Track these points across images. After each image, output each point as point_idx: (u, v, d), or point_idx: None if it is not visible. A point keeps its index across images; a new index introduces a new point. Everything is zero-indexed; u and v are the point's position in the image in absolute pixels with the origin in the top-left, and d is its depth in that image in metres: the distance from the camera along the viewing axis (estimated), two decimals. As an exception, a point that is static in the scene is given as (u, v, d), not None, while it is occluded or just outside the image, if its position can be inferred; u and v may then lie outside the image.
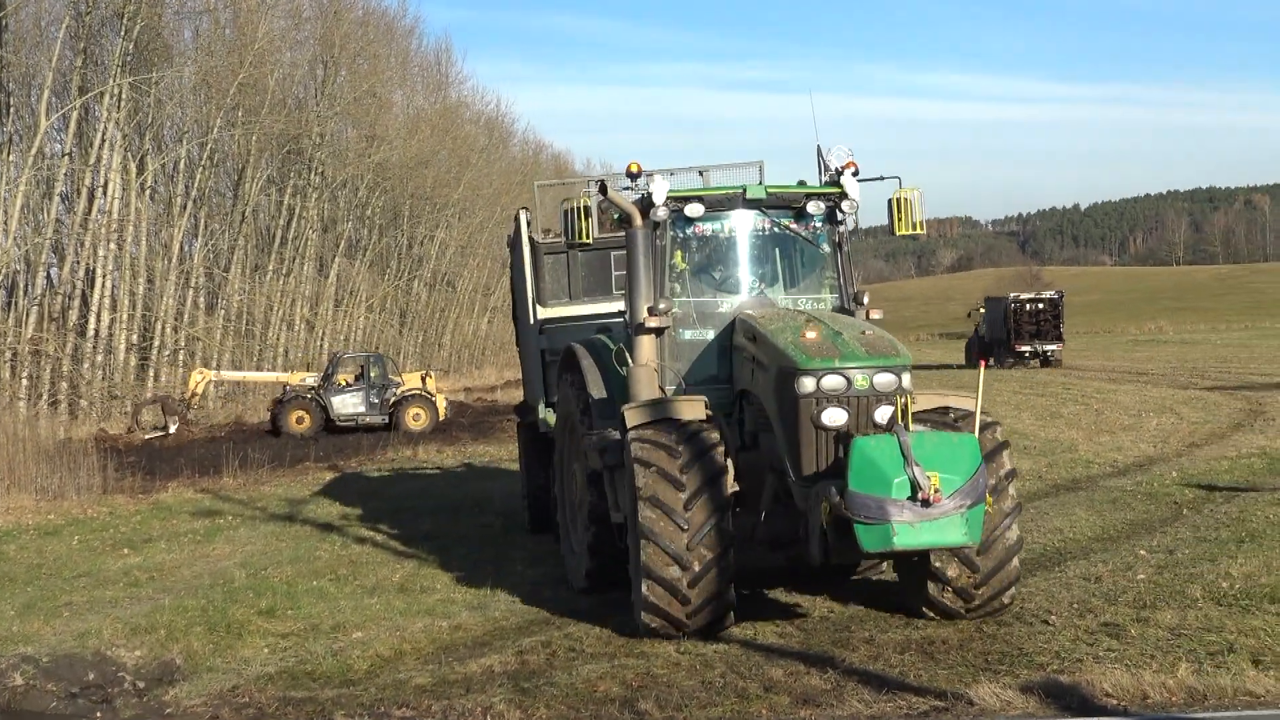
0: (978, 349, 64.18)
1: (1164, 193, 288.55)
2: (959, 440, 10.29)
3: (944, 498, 9.82)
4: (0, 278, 41.24)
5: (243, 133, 51.81)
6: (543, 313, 16.66)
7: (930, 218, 12.72)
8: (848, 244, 12.96)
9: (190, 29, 52.56)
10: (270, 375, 46.46)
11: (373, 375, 40.22)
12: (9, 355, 40.67)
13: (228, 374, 46.88)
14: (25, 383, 40.68)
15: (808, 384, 10.65)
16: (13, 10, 41.51)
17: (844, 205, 12.64)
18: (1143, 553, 13.81)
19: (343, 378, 40.33)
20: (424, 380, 41.11)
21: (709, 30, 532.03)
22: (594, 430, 12.56)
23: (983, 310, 68.16)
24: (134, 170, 45.91)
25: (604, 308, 15.94)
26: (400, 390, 40.00)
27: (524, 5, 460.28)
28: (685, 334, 12.59)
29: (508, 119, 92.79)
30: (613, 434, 11.92)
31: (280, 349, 57.53)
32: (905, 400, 10.57)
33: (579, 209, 12.55)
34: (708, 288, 12.77)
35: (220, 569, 16.03)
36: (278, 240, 57.68)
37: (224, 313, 52.57)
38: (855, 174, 12.63)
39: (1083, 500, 17.93)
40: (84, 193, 44.32)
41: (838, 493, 10.03)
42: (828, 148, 12.82)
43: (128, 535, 19.50)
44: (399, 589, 14.29)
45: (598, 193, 12.90)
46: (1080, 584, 12.46)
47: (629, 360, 12.55)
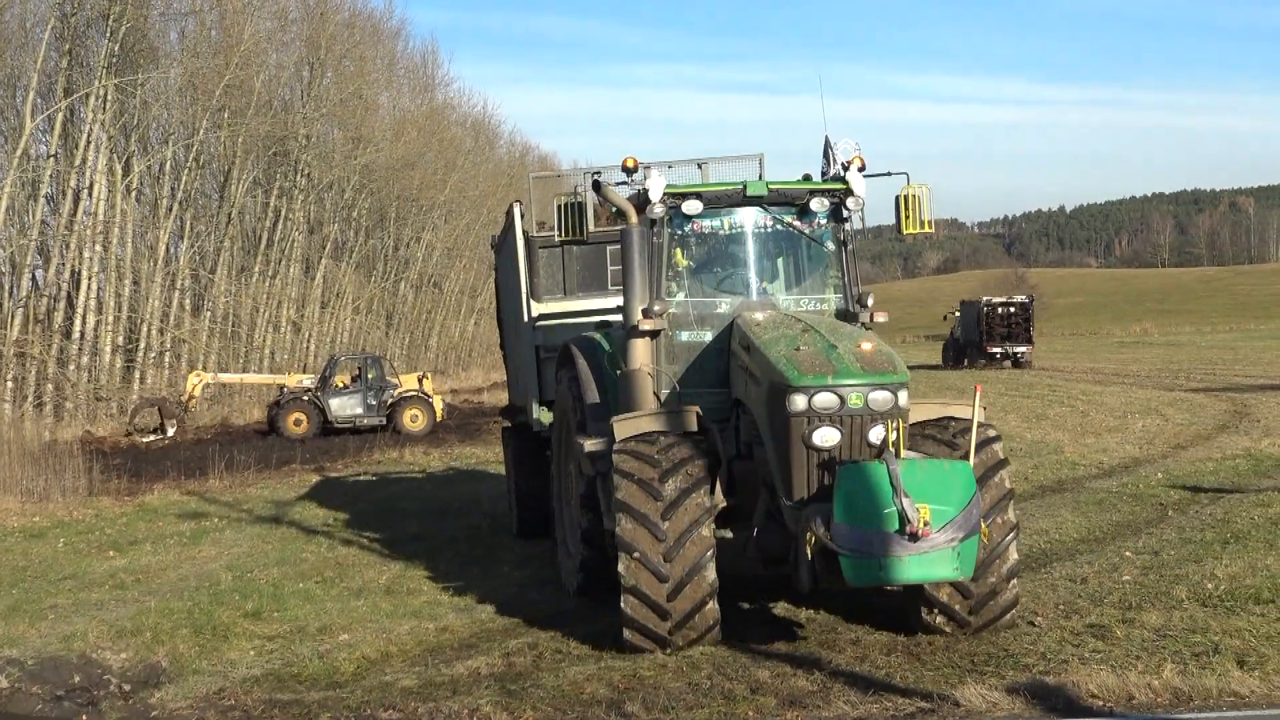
0: (953, 350, 67.19)
1: (1149, 195, 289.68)
2: (952, 469, 9.91)
3: (934, 531, 9.40)
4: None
5: (229, 134, 51.70)
6: (537, 308, 16.26)
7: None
8: (853, 242, 12.40)
9: (176, 30, 52.53)
10: (267, 377, 46.52)
11: (370, 377, 40.24)
12: (-6, 357, 40.57)
13: (225, 376, 46.93)
14: (10, 385, 40.58)
15: (799, 402, 10.23)
16: (-2, 12, 41.46)
17: (849, 202, 12.08)
18: (1128, 554, 13.85)
19: (340, 380, 40.36)
20: (421, 382, 41.18)
21: (694, 32, 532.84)
22: (588, 433, 12.09)
23: (957, 313, 69.84)
24: (119, 172, 45.79)
25: (600, 303, 15.40)
26: (398, 392, 40.03)
27: (510, 7, 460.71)
28: (683, 335, 12.09)
29: (494, 121, 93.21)
30: (603, 440, 11.47)
31: (266, 351, 57.44)
32: (898, 423, 10.17)
33: (570, 204, 12.17)
34: (707, 287, 12.26)
35: (206, 571, 16.00)
36: (264, 242, 57.56)
37: (210, 315, 52.44)
38: (861, 169, 12.07)
39: (1068, 502, 17.97)
40: (69, 194, 44.21)
41: (823, 523, 9.70)
42: (835, 140, 12.27)
43: (113, 537, 19.45)
44: (385, 591, 14.27)
45: (591, 188, 12.41)
46: (1066, 585, 12.49)
47: (622, 364, 12.17)
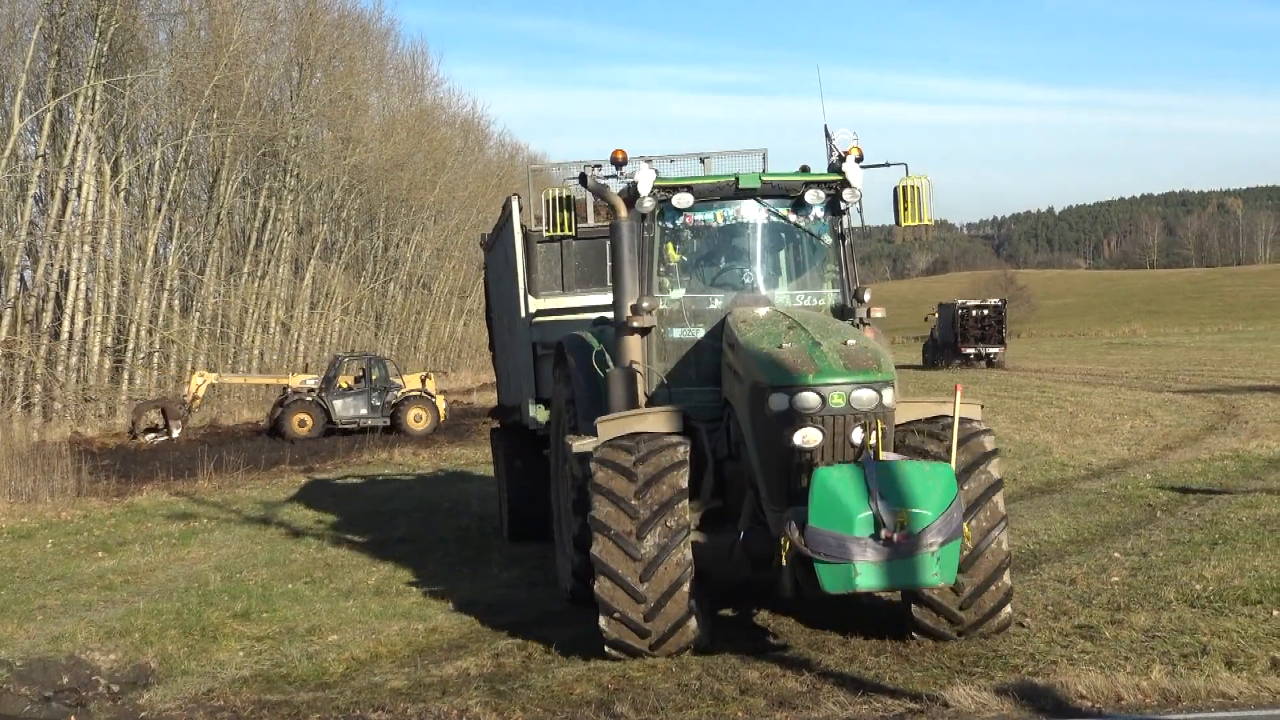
0: (932, 351, 70.55)
1: (1138, 196, 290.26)
2: (931, 470, 9.64)
3: (910, 536, 9.18)
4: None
5: (218, 135, 51.61)
6: (535, 304, 15.99)
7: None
8: (850, 236, 11.98)
9: (165, 31, 52.44)
10: (270, 378, 46.64)
11: (374, 378, 40.38)
12: (-18, 358, 40.50)
13: (228, 377, 47.13)
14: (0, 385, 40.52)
15: (779, 401, 9.96)
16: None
17: (846, 194, 11.66)
18: (1117, 555, 13.87)
19: (344, 380, 40.48)
20: (424, 382, 41.38)
21: (683, 34, 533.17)
22: (578, 434, 11.76)
23: (936, 315, 72.52)
24: (108, 172, 45.72)
25: (598, 299, 15.04)
26: (401, 392, 40.17)
27: (499, 8, 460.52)
28: (674, 333, 11.72)
29: (483, 121, 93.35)
30: (589, 442, 11.11)
31: (255, 351, 57.38)
32: (880, 423, 9.90)
33: (558, 199, 11.92)
34: (699, 283, 11.86)
35: (195, 572, 15.97)
36: (253, 242, 57.48)
37: (199, 315, 52.36)
38: (859, 160, 11.69)
39: (1057, 503, 17.98)
40: (58, 195, 44.08)
41: (798, 528, 9.44)
42: (833, 131, 11.91)
43: (102, 538, 19.42)
44: (375, 592, 14.26)
45: (579, 181, 12.19)
46: (1055, 586, 12.50)
47: (609, 362, 11.93)
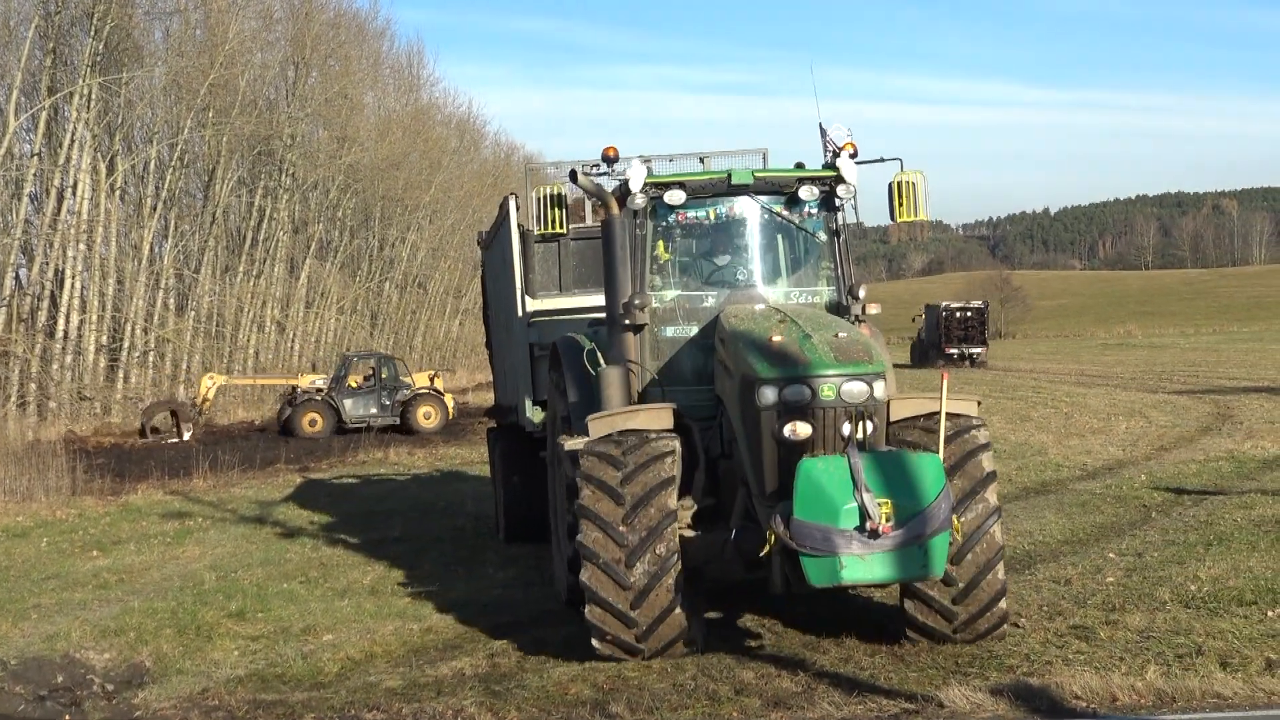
0: (918, 351, 73.90)
1: (1133, 197, 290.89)
2: (919, 461, 9.54)
3: (895, 528, 9.12)
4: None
5: (213, 134, 51.60)
6: (532, 304, 15.90)
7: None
8: (845, 232, 11.89)
9: (161, 29, 52.39)
10: (280, 379, 46.90)
11: (384, 376, 40.59)
12: (-23, 356, 40.46)
13: (238, 379, 47.36)
14: (-7, 384, 40.46)
15: (768, 395, 9.94)
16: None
17: (840, 190, 11.58)
18: (1112, 556, 13.87)
19: (353, 380, 40.62)
20: (432, 380, 41.77)
21: (679, 34, 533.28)
22: (572, 434, 11.69)
23: (923, 317, 75.92)
24: (104, 171, 45.68)
25: (595, 300, 14.54)
26: (411, 391, 40.38)
27: (496, 8, 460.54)
28: (667, 331, 11.61)
29: (479, 121, 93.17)
30: (579, 441, 11.04)
31: (251, 351, 57.34)
32: (869, 416, 9.82)
33: (549, 197, 11.82)
34: (692, 281, 11.77)
35: (190, 571, 15.97)
36: (248, 241, 57.42)
37: (194, 314, 52.31)
38: (853, 156, 11.59)
39: (1052, 503, 17.99)
40: (53, 193, 44.07)
41: (783, 520, 9.37)
42: (828, 124, 11.85)
43: (97, 537, 19.41)
44: (370, 591, 14.26)
45: (569, 178, 12.03)
46: (1049, 587, 12.50)
47: (601, 361, 11.83)
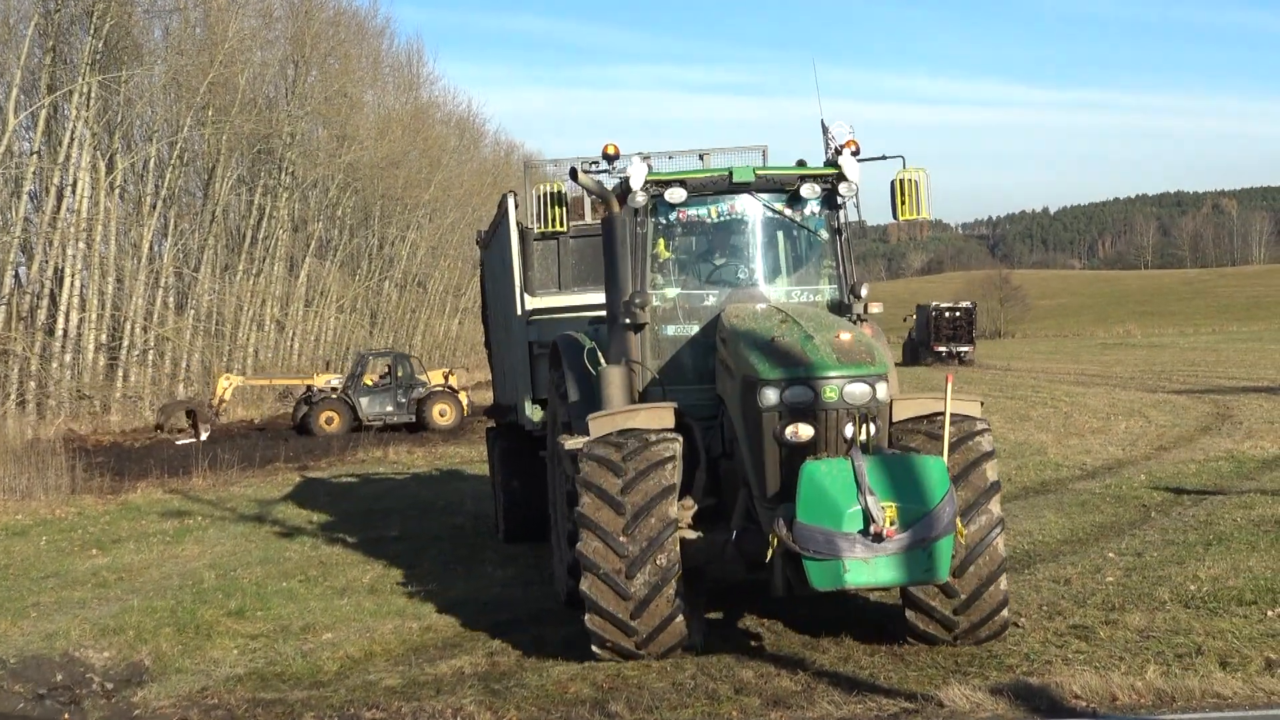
0: (910, 350, 76.65)
1: (1133, 197, 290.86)
2: (923, 464, 9.50)
3: (899, 531, 9.09)
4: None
5: (213, 132, 51.58)
6: (531, 302, 15.80)
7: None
8: (847, 231, 11.83)
9: (160, 27, 52.37)
10: (294, 379, 47.20)
11: (400, 374, 40.75)
12: (-24, 354, 40.45)
13: (255, 379, 47.98)
14: (-8, 382, 40.44)
15: (770, 396, 9.89)
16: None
17: (842, 188, 11.53)
18: (1111, 555, 13.87)
19: (369, 378, 40.80)
20: (446, 378, 41.92)
21: (681, 34, 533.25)
22: (572, 433, 11.62)
23: (914, 316, 78.84)
24: (103, 169, 45.65)
25: (595, 298, 14.57)
26: (426, 388, 40.54)
27: (495, 7, 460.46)
28: (668, 330, 11.55)
29: (479, 120, 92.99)
30: (580, 440, 10.97)
31: (250, 349, 57.32)
32: (872, 418, 9.81)
33: (549, 194, 11.74)
34: (693, 279, 11.71)
35: (189, 570, 15.96)
36: (248, 240, 57.41)
37: (194, 313, 52.30)
38: (855, 153, 11.54)
39: (1052, 503, 17.99)
40: (53, 191, 44.04)
41: (785, 524, 9.31)
42: (830, 122, 11.76)
43: (96, 536, 19.40)
44: (369, 590, 14.25)
45: (569, 176, 12.00)
46: (1049, 586, 12.50)
47: (601, 360, 11.80)
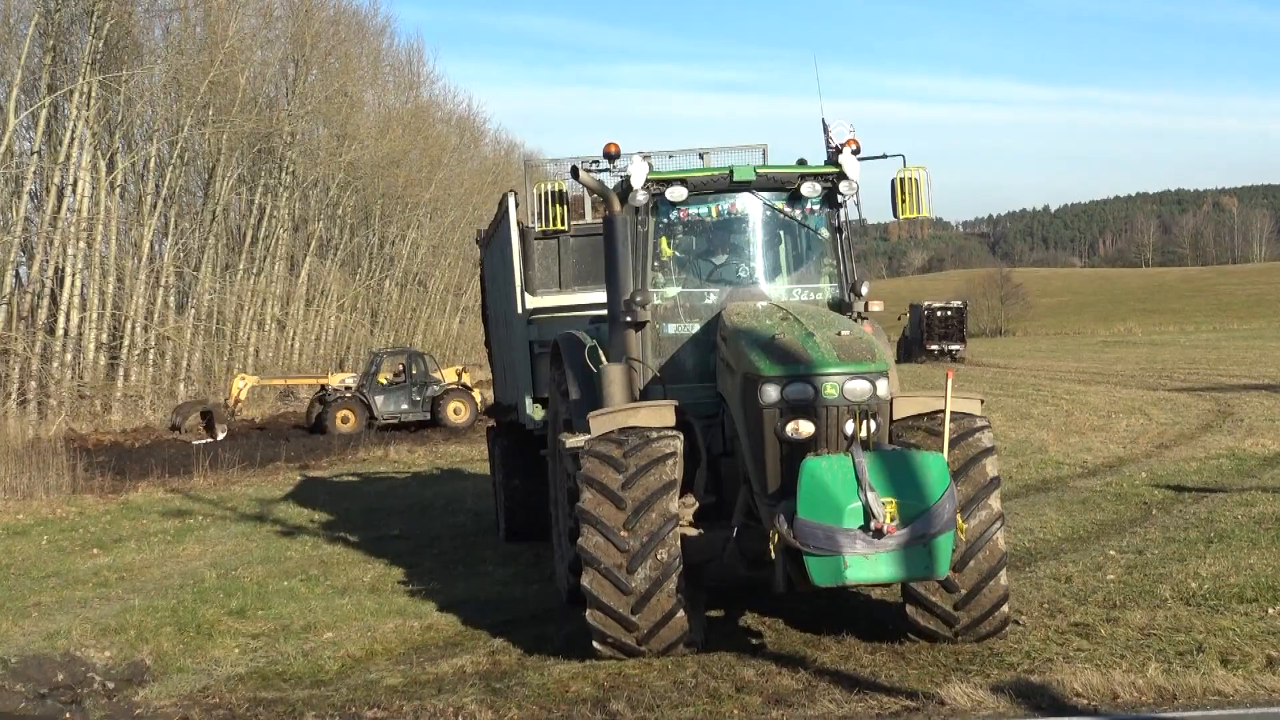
0: (904, 348, 78.09)
1: (1133, 195, 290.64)
2: (923, 460, 9.52)
3: (899, 527, 9.11)
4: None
5: (213, 131, 51.54)
6: (532, 302, 15.79)
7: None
8: (848, 229, 11.84)
9: (160, 27, 52.31)
10: (309, 378, 47.65)
11: (414, 373, 40.96)
12: (-23, 354, 40.45)
13: (269, 379, 48.56)
14: (-7, 382, 40.44)
15: (771, 393, 9.90)
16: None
17: (842, 186, 11.54)
18: (1112, 553, 13.87)
19: (383, 376, 40.98)
20: (460, 375, 42.15)
21: (681, 32, 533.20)
22: (573, 432, 11.63)
23: (908, 315, 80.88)
24: (103, 169, 45.65)
25: (595, 297, 14.51)
26: (441, 386, 40.77)
27: (494, 6, 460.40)
28: (669, 328, 11.57)
29: (479, 119, 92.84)
30: (581, 439, 10.97)
31: (251, 349, 57.31)
32: (873, 415, 9.83)
33: (550, 193, 11.73)
34: (694, 278, 11.72)
35: (190, 569, 15.97)
36: (248, 239, 57.39)
37: (194, 312, 52.30)
38: (855, 152, 11.56)
39: (1053, 501, 17.98)
40: (53, 191, 44.02)
41: (786, 520, 9.34)
42: (830, 122, 11.76)
43: (97, 535, 19.42)
44: (370, 589, 14.26)
45: (570, 175, 12.01)
46: (1050, 584, 12.50)
47: (602, 358, 11.82)
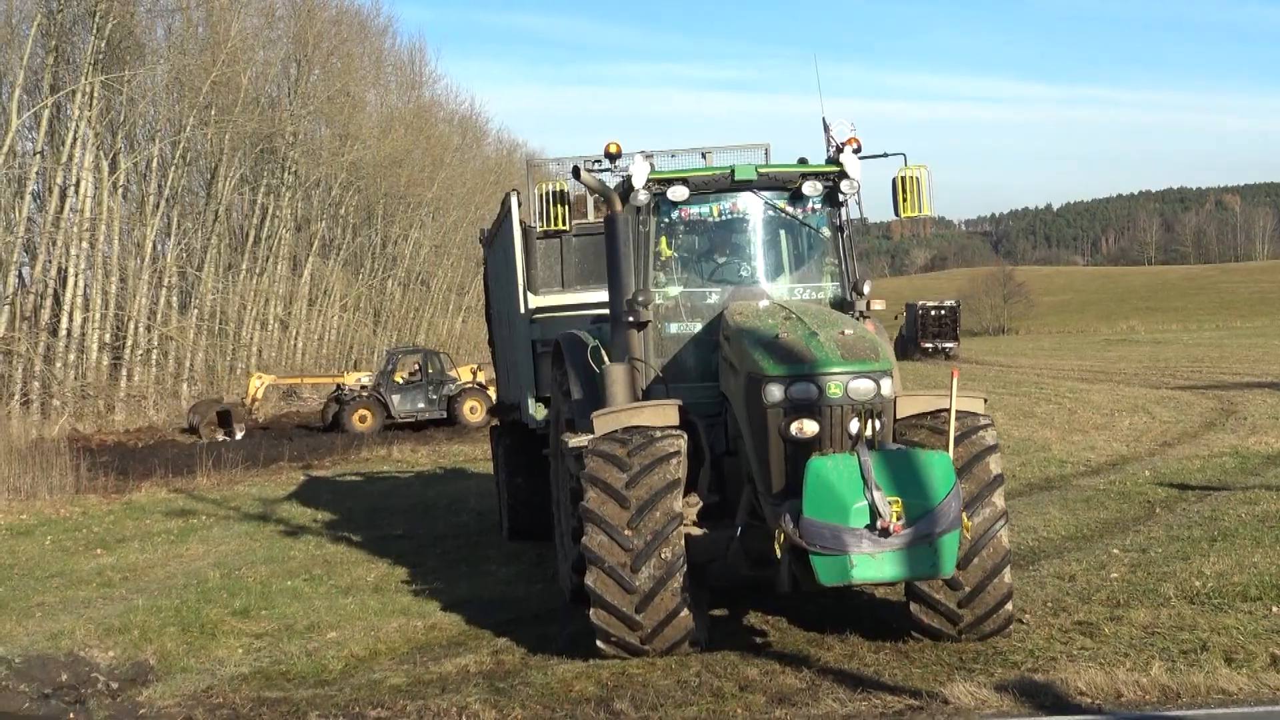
0: (899, 346, 79.65)
1: (1136, 193, 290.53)
2: (928, 460, 9.51)
3: (904, 526, 9.12)
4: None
5: (216, 131, 51.55)
6: (534, 301, 15.77)
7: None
8: (849, 228, 11.84)
9: (163, 27, 52.40)
10: (325, 377, 47.98)
11: (430, 371, 41.16)
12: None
13: (284, 378, 48.92)
14: (-3, 382, 40.47)
15: (775, 392, 9.89)
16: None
17: (844, 185, 11.54)
18: (1116, 551, 13.86)
19: (399, 375, 41.14)
20: (475, 374, 42.31)
21: (684, 31, 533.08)
22: (576, 431, 11.61)
23: (904, 315, 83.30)
24: (106, 169, 45.67)
25: (598, 296, 14.48)
26: (457, 385, 40.95)
27: (496, 5, 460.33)
28: (671, 328, 11.59)
29: (481, 118, 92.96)
30: (584, 438, 10.94)
31: (254, 349, 57.34)
32: (877, 414, 9.84)
33: (552, 193, 11.69)
34: (696, 277, 11.74)
35: (194, 569, 15.97)
36: (251, 239, 57.43)
37: (197, 312, 52.32)
38: (857, 151, 11.55)
39: (1056, 499, 17.97)
40: (56, 191, 44.01)
41: (792, 519, 9.33)
42: (831, 121, 11.75)
43: (101, 535, 19.42)
44: (373, 589, 14.26)
45: (571, 175, 12.01)
46: (1054, 583, 12.49)
47: (605, 358, 11.83)
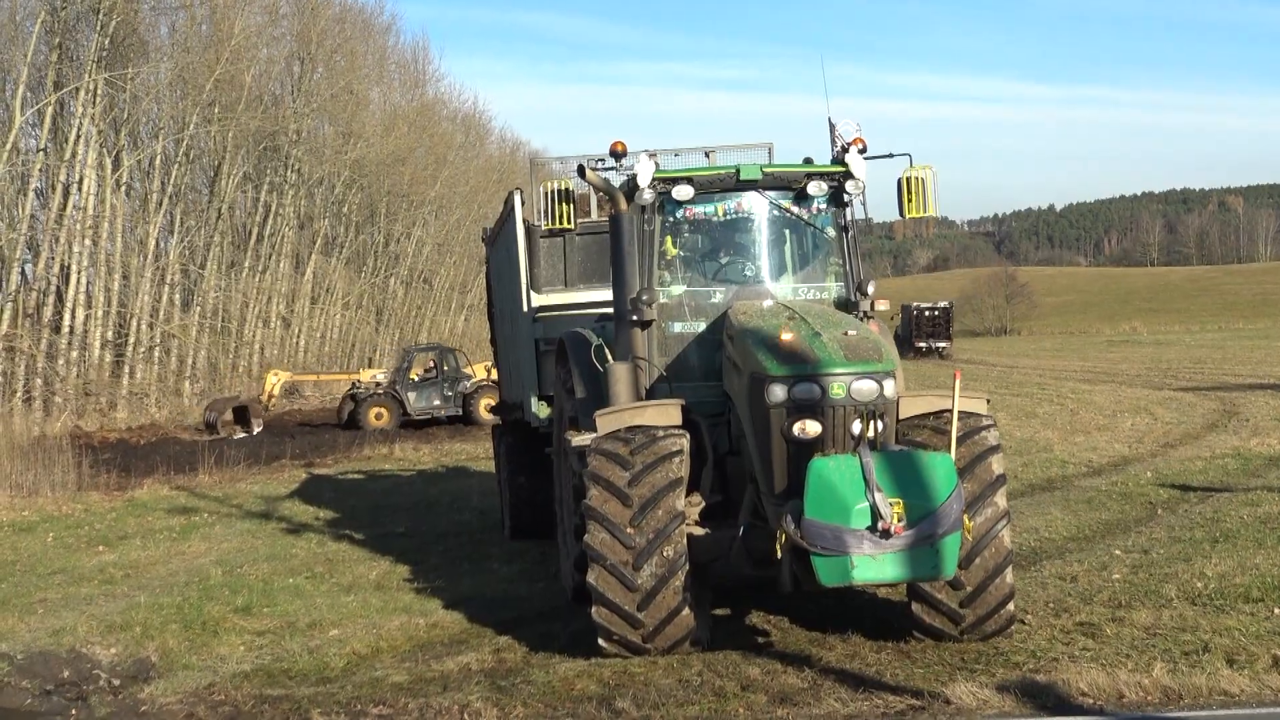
0: (898, 345, 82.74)
1: (1139, 194, 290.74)
2: (930, 461, 9.51)
3: (906, 528, 9.13)
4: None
5: (219, 129, 51.57)
6: (537, 300, 15.79)
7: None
8: (854, 228, 11.81)
9: (166, 24, 52.46)
10: (341, 375, 48.10)
11: (446, 369, 41.21)
12: (-17, 351, 40.50)
13: (301, 375, 49.19)
14: (0, 379, 40.52)
15: (778, 392, 9.91)
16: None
17: (849, 186, 11.56)
18: (1118, 552, 13.86)
19: (415, 372, 41.18)
20: (489, 372, 41.97)
21: (687, 30, 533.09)
22: (579, 430, 11.61)
23: (899, 316, 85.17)
24: (109, 166, 45.69)
25: (601, 295, 14.60)
26: (472, 382, 40.99)
27: (499, 3, 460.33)
28: (675, 327, 11.58)
29: (485, 116, 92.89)
30: (587, 437, 10.95)
31: (256, 346, 57.38)
32: (880, 415, 9.84)
33: (556, 192, 11.66)
34: (700, 277, 11.72)
35: (196, 566, 15.98)
36: (254, 237, 57.48)
37: (199, 310, 52.36)
38: (862, 151, 11.56)
39: (1058, 500, 17.98)
40: (59, 188, 44.06)
41: (794, 520, 9.33)
42: (837, 122, 11.76)
43: (103, 532, 19.43)
44: (375, 586, 14.27)
45: (576, 174, 11.96)
46: (1056, 583, 12.50)
47: (608, 356, 11.77)
